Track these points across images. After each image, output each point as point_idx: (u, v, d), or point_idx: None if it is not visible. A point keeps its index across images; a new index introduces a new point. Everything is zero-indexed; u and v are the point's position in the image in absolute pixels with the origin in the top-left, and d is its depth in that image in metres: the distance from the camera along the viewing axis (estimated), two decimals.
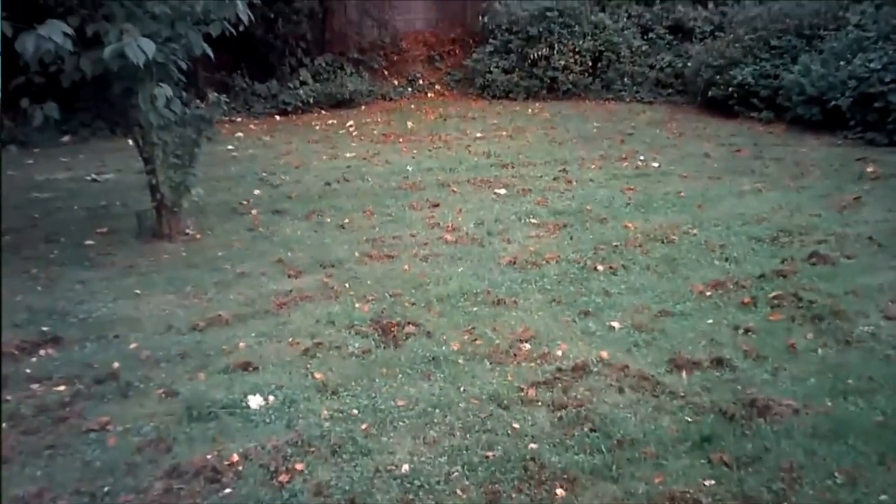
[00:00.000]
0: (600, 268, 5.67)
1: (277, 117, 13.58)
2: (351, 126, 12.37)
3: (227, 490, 3.16)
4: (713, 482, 3.14)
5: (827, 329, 4.52)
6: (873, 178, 7.84)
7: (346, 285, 5.47)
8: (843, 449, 3.35)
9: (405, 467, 3.28)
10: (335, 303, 5.15)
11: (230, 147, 10.73)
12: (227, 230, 6.91)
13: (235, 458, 3.34)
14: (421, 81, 15.89)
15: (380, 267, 5.86)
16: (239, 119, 13.17)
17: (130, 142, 6.82)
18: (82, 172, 9.40)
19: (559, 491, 3.12)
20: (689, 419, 3.63)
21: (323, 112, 13.89)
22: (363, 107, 14.33)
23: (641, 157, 9.40)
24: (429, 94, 15.56)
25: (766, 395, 3.77)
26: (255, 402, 3.81)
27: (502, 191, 8.02)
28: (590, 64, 14.38)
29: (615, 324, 4.70)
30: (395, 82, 15.68)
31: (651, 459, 3.31)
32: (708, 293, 5.12)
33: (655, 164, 9.02)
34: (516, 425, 3.60)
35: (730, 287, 5.20)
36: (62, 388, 4.02)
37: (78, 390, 4.00)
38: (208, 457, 3.35)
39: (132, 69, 5.18)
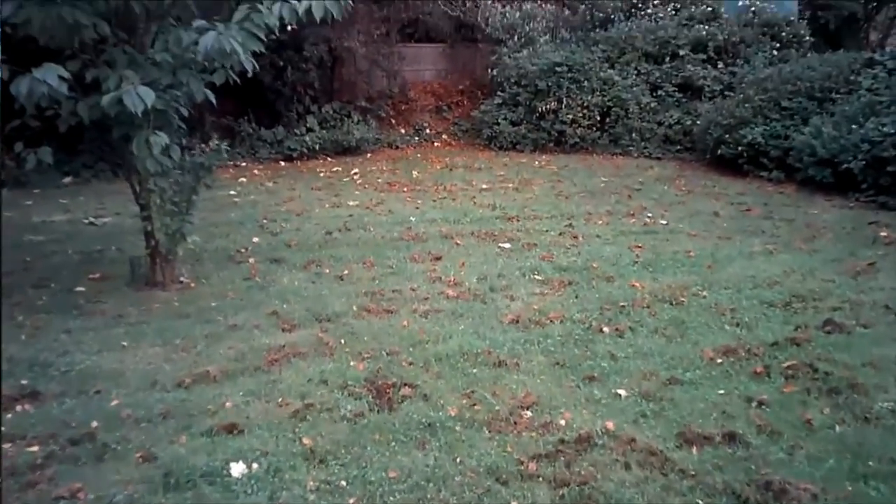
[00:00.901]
0: (606, 329, 5.46)
1: (282, 163, 13.53)
2: (356, 174, 12.28)
3: None
4: None
5: (844, 404, 4.27)
6: (887, 244, 7.64)
7: (342, 341, 5.25)
8: None
9: None
10: (329, 360, 4.93)
11: (232, 192, 10.63)
12: (222, 279, 6.73)
13: None
14: (428, 131, 15.91)
15: (377, 322, 5.65)
16: (243, 164, 13.12)
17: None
18: (80, 215, 9.29)
19: None
20: (701, 501, 3.38)
21: (328, 159, 13.85)
22: (369, 154, 14.30)
23: (649, 214, 9.25)
24: (435, 144, 15.55)
25: (782, 476, 3.52)
26: (237, 469, 3.57)
27: (507, 245, 7.85)
28: (598, 118, 14.40)
29: (622, 391, 4.47)
30: (402, 131, 15.70)
31: None
32: (719, 360, 4.89)
33: (664, 222, 8.85)
34: (515, 503, 3.36)
35: (741, 354, 4.97)
36: (35, 448, 3.78)
37: (52, 451, 3.76)
38: None
39: (130, 115, 5.07)
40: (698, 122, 13.25)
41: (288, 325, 5.57)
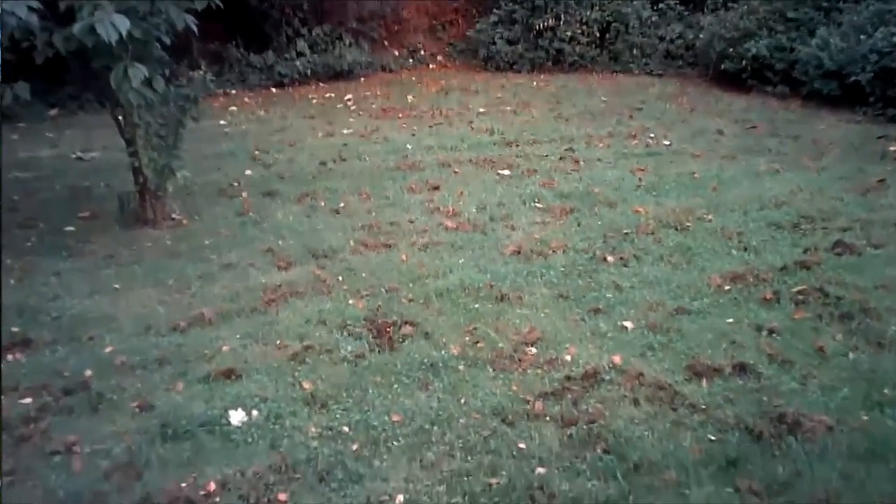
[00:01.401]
0: (610, 258, 5.32)
1: (273, 89, 13.15)
2: (349, 100, 11.94)
3: None
4: None
5: (857, 329, 4.18)
6: None
7: (340, 278, 5.12)
8: (883, 472, 3.05)
9: (399, 498, 2.95)
10: (327, 298, 4.80)
11: (222, 122, 10.34)
12: (214, 215, 6.55)
13: (212, 486, 3.01)
14: (422, 52, 15.43)
15: (375, 257, 5.50)
16: (233, 91, 12.73)
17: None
18: (67, 150, 9.01)
19: None
20: (713, 437, 3.30)
21: (320, 84, 13.45)
22: (362, 79, 13.88)
23: (652, 135, 8.99)
24: (430, 66, 15.12)
25: (796, 408, 3.44)
26: (236, 417, 3.47)
27: (506, 171, 7.64)
28: (597, 35, 13.93)
29: (628, 323, 4.35)
30: (396, 53, 15.22)
31: (672, 487, 2.99)
32: (727, 287, 4.77)
33: (667, 143, 8.61)
34: (522, 445, 3.27)
35: (750, 280, 4.84)
36: (28, 400, 3.68)
37: (45, 403, 3.66)
38: (182, 485, 3.03)
39: (108, 46, 4.80)
40: (701, 36, 12.81)
41: (283, 263, 5.42)
